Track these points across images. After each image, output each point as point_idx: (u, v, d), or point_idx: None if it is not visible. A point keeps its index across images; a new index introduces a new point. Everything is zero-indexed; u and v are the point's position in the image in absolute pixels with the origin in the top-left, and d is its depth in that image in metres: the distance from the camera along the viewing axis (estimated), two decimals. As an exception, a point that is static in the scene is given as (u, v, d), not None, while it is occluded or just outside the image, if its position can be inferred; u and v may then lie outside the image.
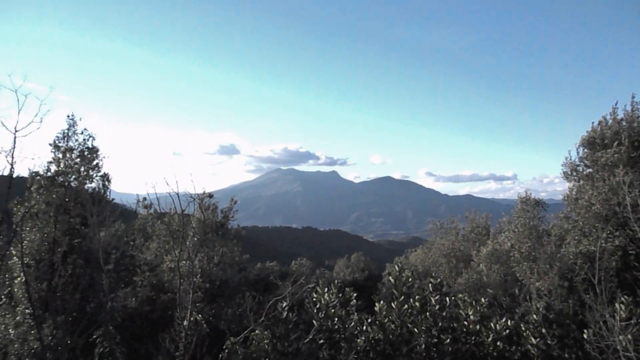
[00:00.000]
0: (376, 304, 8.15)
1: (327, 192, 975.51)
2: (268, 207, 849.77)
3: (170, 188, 7.62)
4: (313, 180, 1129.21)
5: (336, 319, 7.85)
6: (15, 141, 9.36)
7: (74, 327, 11.12)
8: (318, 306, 7.94)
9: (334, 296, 7.98)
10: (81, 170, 13.60)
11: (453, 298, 9.00)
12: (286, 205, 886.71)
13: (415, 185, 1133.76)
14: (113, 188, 14.72)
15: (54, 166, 13.17)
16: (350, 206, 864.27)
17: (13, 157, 9.46)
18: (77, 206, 12.92)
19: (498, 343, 8.32)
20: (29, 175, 12.73)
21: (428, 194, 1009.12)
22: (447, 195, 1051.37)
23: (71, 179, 13.45)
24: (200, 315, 8.91)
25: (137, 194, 9.78)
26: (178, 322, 8.32)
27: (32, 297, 10.85)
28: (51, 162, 13.12)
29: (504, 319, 8.59)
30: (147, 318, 15.44)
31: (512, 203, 16.15)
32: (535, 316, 9.07)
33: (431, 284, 8.91)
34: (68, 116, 13.59)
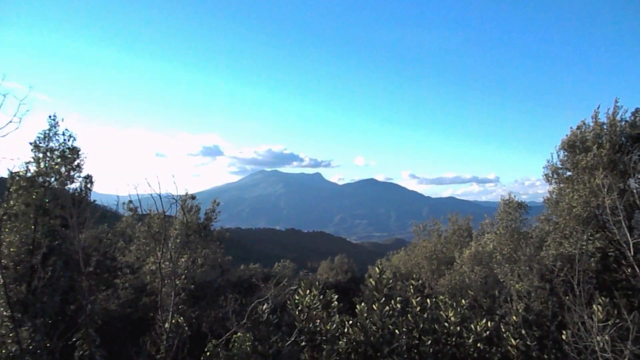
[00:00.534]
0: (357, 306, 8.17)
1: (311, 194, 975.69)
2: (251, 209, 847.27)
3: (152, 189, 7.55)
4: (297, 182, 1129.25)
5: (318, 321, 7.85)
6: (-8, 142, 9.22)
7: (54, 330, 10.96)
8: (300, 308, 7.93)
9: (316, 298, 7.97)
10: (62, 171, 13.44)
11: (434, 300, 9.05)
12: (270, 206, 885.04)
13: (398, 187, 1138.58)
14: (95, 189, 14.58)
15: (34, 167, 13.01)
16: (333, 208, 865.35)
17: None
18: (58, 207, 12.78)
19: (478, 344, 8.37)
20: (8, 175, 12.55)
21: (411, 196, 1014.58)
22: (430, 197, 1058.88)
23: (52, 180, 13.29)
24: (182, 317, 8.83)
25: (118, 195, 9.66)
26: (159, 325, 8.24)
27: (11, 300, 10.68)
28: (30, 163, 12.95)
29: (485, 321, 8.65)
30: (128, 320, 15.32)
31: (494, 205, 16.30)
32: (515, 317, 9.16)
33: (412, 286, 8.96)
34: (49, 116, 13.43)
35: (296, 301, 8.00)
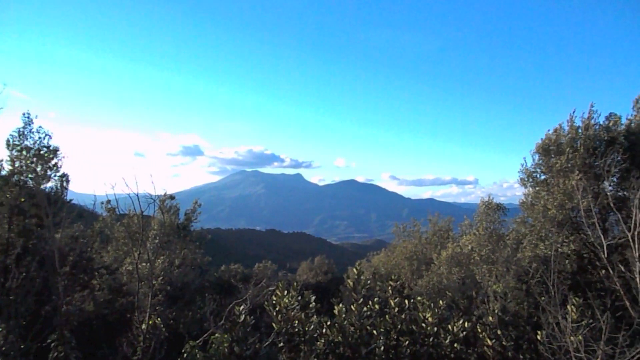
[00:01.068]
0: (336, 307, 8.18)
1: (292, 195, 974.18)
2: (232, 209, 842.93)
3: (130, 189, 7.48)
4: (277, 182, 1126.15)
5: (296, 322, 7.85)
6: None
7: (28, 331, 10.78)
8: (277, 309, 7.92)
9: (294, 299, 7.97)
10: (38, 169, 13.25)
11: (412, 300, 9.11)
12: (250, 207, 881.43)
13: (379, 188, 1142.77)
14: (72, 188, 14.38)
15: (9, 165, 12.80)
16: (314, 209, 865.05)
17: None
18: (33, 207, 12.59)
19: (455, 345, 8.45)
20: (-18, 174, 12.36)
21: (391, 198, 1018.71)
22: (410, 198, 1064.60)
23: (27, 179, 13.09)
24: (159, 318, 8.77)
25: (95, 195, 9.55)
26: (136, 326, 8.18)
27: (-17, 301, 10.51)
28: (5, 161, 12.74)
29: (462, 321, 8.74)
30: (105, 322, 15.12)
31: (474, 207, 16.44)
32: (491, 318, 9.27)
33: (391, 287, 9.01)
34: (24, 114, 13.21)
35: (274, 302, 7.99)
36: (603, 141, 13.64)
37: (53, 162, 13.47)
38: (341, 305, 8.21)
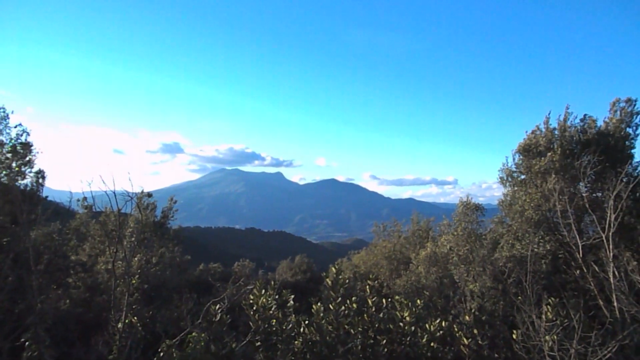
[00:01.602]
0: (314, 306, 8.17)
1: (272, 193, 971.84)
2: (211, 208, 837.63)
3: (107, 186, 7.36)
4: (258, 181, 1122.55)
5: (273, 321, 7.83)
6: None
7: (1, 330, 10.59)
8: (255, 308, 7.88)
9: (271, 298, 7.94)
10: (12, 166, 13.00)
11: (390, 300, 9.13)
12: (230, 205, 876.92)
13: (359, 188, 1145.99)
14: (48, 185, 14.14)
15: (-18, 161, 12.55)
16: (294, 208, 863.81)
17: None
18: (7, 203, 12.34)
19: (432, 344, 8.50)
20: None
21: (372, 197, 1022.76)
22: (390, 198, 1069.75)
23: (1, 175, 12.84)
24: (136, 317, 8.68)
25: (71, 192, 9.40)
26: (112, 325, 8.08)
27: (-46, 299, 10.28)
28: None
29: (438, 320, 8.79)
30: (80, 320, 14.89)
31: (453, 207, 16.52)
32: (467, 317, 9.35)
33: (369, 286, 9.02)
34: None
35: (251, 301, 7.95)
36: (579, 143, 13.84)
37: (28, 158, 13.23)
38: (319, 304, 8.21)
